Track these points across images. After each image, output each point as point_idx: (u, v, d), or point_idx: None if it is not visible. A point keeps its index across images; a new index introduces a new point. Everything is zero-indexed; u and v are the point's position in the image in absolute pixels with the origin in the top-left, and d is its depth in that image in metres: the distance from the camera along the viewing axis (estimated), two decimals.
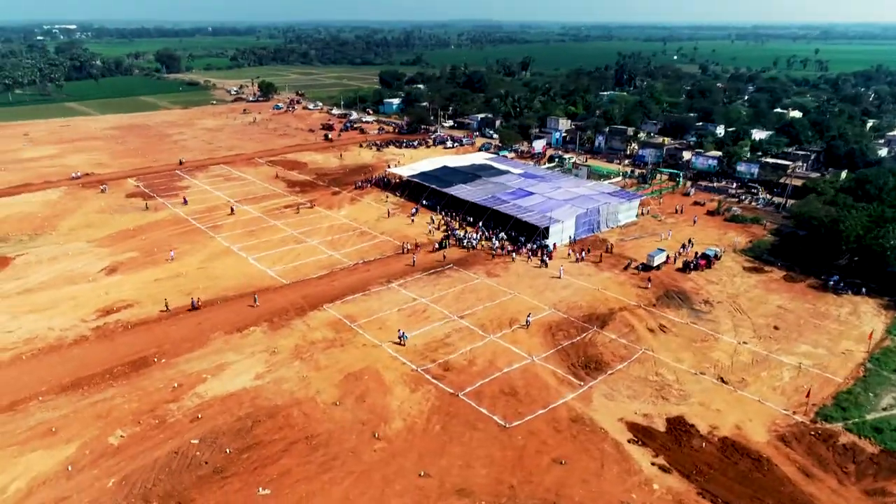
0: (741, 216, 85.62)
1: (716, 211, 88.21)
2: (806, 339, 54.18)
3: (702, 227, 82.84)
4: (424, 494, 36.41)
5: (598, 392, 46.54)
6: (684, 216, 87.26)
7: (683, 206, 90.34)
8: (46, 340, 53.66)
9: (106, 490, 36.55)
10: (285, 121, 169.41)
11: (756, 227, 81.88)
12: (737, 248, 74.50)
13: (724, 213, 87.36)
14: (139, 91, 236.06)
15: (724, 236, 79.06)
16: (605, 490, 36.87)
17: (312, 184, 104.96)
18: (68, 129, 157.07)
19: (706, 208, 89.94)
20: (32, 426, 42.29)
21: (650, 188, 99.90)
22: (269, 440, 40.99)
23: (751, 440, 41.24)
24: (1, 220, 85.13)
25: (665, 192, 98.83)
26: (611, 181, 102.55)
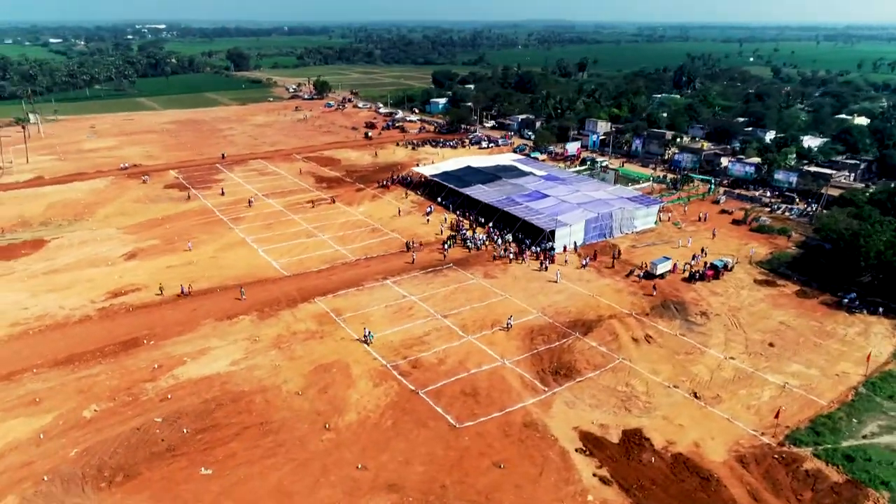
0: (768, 226, 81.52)
1: (742, 220, 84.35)
2: (800, 358, 51.27)
3: (723, 236, 79.46)
4: (356, 486, 37.08)
5: (561, 399, 45.79)
6: (707, 224, 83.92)
7: (708, 214, 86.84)
8: (55, 318, 57.80)
9: (67, 458, 39.19)
10: (333, 118, 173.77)
11: (781, 239, 77.80)
12: (753, 260, 71.08)
13: (750, 223, 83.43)
14: (205, 88, 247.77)
15: (744, 246, 75.51)
16: (537, 497, 36.39)
17: (340, 180, 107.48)
18: (131, 123, 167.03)
19: (733, 217, 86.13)
20: (21, 395, 45.78)
21: (678, 194, 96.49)
22: (226, 423, 42.73)
23: (706, 458, 39.58)
24: (49, 206, 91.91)
25: (694, 198, 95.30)
26: (638, 186, 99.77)
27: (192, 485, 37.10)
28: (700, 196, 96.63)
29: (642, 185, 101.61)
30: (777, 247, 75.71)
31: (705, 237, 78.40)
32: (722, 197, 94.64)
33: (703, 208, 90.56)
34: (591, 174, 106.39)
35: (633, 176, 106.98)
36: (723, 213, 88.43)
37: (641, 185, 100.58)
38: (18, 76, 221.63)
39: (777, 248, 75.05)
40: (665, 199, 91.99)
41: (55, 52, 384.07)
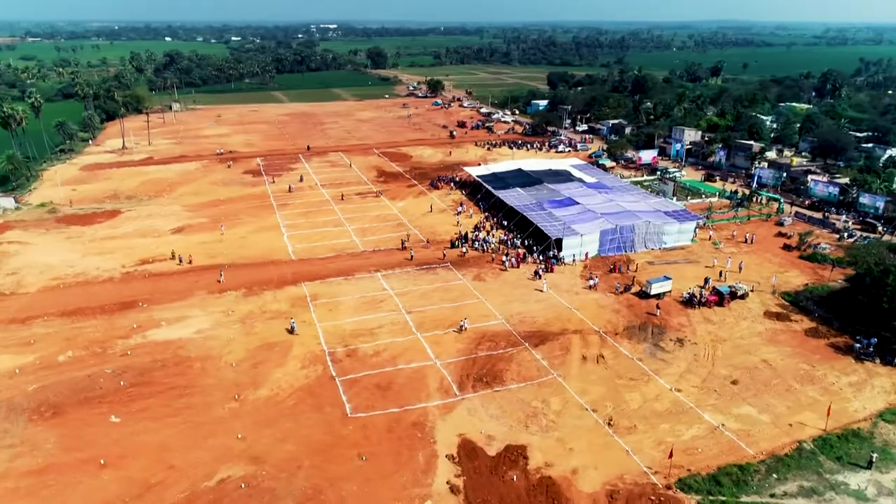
0: (822, 255, 72.02)
1: (796, 246, 75.27)
2: (759, 401, 45.77)
3: (764, 261, 71.67)
4: (225, 453, 39.95)
5: (467, 405, 45.24)
6: (753, 247, 76.06)
7: (756, 236, 78.53)
8: (87, 277, 67.35)
9: (24, 392, 46.30)
10: (432, 116, 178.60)
11: (829, 269, 68.52)
12: (777, 290, 63.58)
13: (804, 249, 74.26)
14: (335, 84, 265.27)
15: (781, 274, 67.61)
16: (377, 493, 36.85)
17: (399, 176, 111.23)
18: (253, 114, 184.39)
19: (787, 241, 77.03)
20: (22, 336, 54.46)
21: (736, 212, 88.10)
22: (157, 382, 47.75)
23: (574, 487, 37.35)
24: (142, 183, 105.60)
25: (757, 218, 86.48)
26: (694, 201, 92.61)
27: (97, 428, 42.32)
28: (764, 216, 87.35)
29: (704, 199, 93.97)
30: (819, 278, 66.83)
31: (744, 259, 71.12)
32: (788, 219, 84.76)
33: (761, 230, 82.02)
34: (649, 185, 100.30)
35: (699, 189, 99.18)
36: (779, 237, 79.41)
37: (699, 201, 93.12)
38: (180, 69, 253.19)
39: (818, 280, 66.29)
40: (714, 216, 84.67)
41: (232, 49, 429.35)
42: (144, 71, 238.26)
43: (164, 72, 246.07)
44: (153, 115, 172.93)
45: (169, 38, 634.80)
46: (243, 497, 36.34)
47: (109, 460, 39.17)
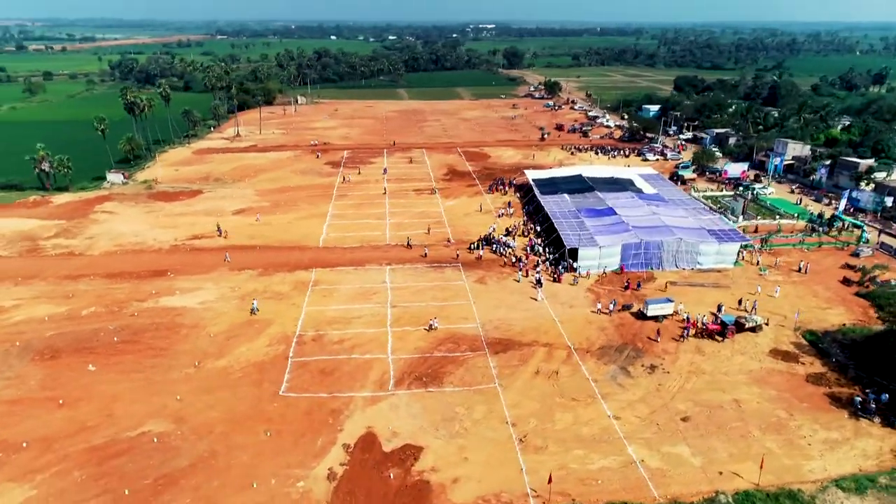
0: (886, 294, 62.15)
1: (858, 281, 65.64)
2: (701, 443, 41.49)
3: (808, 293, 63.50)
4: (159, 410, 44.34)
5: (393, 401, 45.96)
6: (806, 276, 67.56)
7: (809, 265, 69.43)
8: (143, 246, 76.80)
9: (41, 336, 54.50)
10: (536, 118, 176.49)
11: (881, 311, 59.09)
12: (800, 327, 56.27)
13: (864, 285, 64.60)
14: (461, 83, 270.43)
15: (824, 310, 59.66)
16: (262, 466, 39.07)
17: (466, 175, 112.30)
18: (367, 109, 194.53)
19: (849, 275, 67.34)
20: (67, 290, 63.83)
21: (802, 238, 78.36)
22: (143, 342, 53.84)
23: (445, 495, 36.87)
24: (234, 168, 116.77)
25: (828, 245, 76.40)
26: (763, 221, 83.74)
27: (74, 373, 49.00)
28: (840, 244, 76.78)
29: (778, 220, 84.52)
30: (867, 320, 57.93)
31: (790, 292, 63.60)
32: (867, 250, 73.69)
33: (828, 259, 72.48)
34: (720, 201, 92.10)
35: (778, 209, 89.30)
36: (846, 268, 69.57)
37: (769, 222, 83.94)
38: (321, 66, 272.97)
39: (862, 322, 57.52)
40: (775, 240, 76.19)
41: (383, 48, 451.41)
42: (287, 67, 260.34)
43: (306, 68, 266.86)
44: (278, 108, 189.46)
45: (334, 37, 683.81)
46: (149, 450, 40.42)
47: (67, 402, 45.37)
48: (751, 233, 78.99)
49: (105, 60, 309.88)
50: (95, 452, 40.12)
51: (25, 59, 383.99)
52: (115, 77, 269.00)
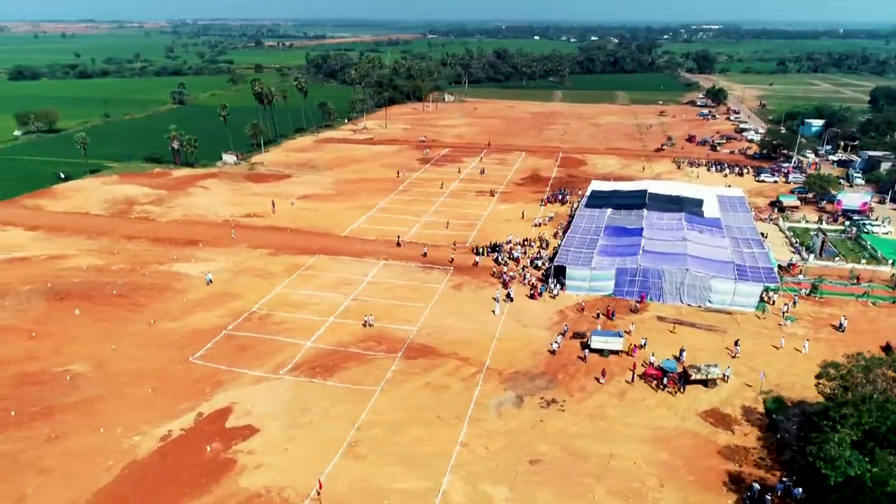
0: None
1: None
2: (526, 491, 37.52)
3: (829, 355, 51.95)
4: (93, 353, 51.62)
5: (273, 385, 48.16)
6: (845, 336, 55.18)
7: (849, 322, 56.21)
8: (202, 219, 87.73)
9: (69, 282, 65.75)
10: (675, 127, 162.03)
11: None
12: (770, 392, 46.70)
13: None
14: (626, 86, 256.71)
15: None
16: (128, 414, 43.94)
17: (541, 181, 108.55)
18: (506, 110, 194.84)
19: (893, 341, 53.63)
20: (117, 248, 75.71)
21: (868, 289, 63.32)
22: (132, 297, 62.41)
23: (237, 479, 38.31)
24: (335, 157, 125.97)
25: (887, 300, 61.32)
26: (858, 264, 69.37)
27: (62, 314, 58.75)
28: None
29: (860, 265, 69.42)
30: None
31: (812, 349, 53.04)
32: None
33: (893, 321, 58.31)
34: (802, 235, 77.87)
35: (879, 251, 72.99)
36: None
37: (847, 265, 69.23)
38: (487, 66, 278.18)
39: None
40: (831, 287, 62.97)
41: (579, 49, 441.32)
42: (454, 66, 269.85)
43: (472, 67, 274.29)
44: (421, 105, 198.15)
45: (537, 38, 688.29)
46: (59, 385, 47.64)
47: (38, 335, 54.92)
48: (813, 276, 66.27)
49: (305, 56, 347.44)
50: (20, 378, 48.48)
51: (252, 53, 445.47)
52: (310, 71, 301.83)
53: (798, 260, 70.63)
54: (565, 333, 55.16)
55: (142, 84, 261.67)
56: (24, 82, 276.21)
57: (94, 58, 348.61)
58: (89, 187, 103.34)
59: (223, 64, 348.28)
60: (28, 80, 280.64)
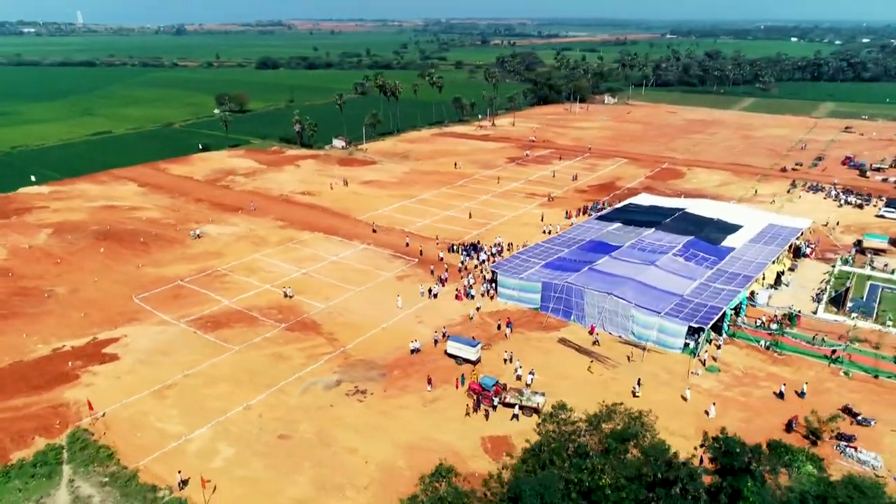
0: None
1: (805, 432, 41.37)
2: (244, 460, 39.84)
3: (716, 424, 44.02)
4: (84, 280, 65.11)
5: (161, 327, 56.14)
6: (777, 405, 45.69)
7: (788, 389, 45.47)
8: (266, 192, 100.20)
9: (122, 228, 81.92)
10: (850, 146, 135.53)
11: None
12: None
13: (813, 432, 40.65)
14: (844, 95, 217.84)
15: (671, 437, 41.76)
16: (51, 328, 55.58)
17: (609, 189, 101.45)
18: (663, 116, 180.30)
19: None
20: (181, 206, 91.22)
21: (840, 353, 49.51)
22: (148, 244, 75.85)
23: (84, 411, 46.90)
24: (431, 150, 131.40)
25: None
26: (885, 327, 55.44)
27: (91, 252, 73.87)
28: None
29: (885, 328, 54.70)
30: None
31: (730, 414, 45.72)
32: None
33: (855, 397, 46.22)
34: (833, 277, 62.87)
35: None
36: (847, 413, 43.65)
37: (866, 325, 54.99)
38: (679, 69, 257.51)
39: None
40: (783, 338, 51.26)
41: (834, 53, 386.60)
42: (642, 68, 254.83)
43: (662, 69, 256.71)
44: (572, 105, 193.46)
45: (794, 39, 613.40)
46: (37, 299, 61.50)
47: (61, 262, 70.57)
48: (814, 331, 54.60)
49: (498, 55, 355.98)
50: (18, 289, 63.67)
51: (467, 52, 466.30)
52: (502, 69, 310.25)
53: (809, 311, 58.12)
54: (444, 336, 54.13)
55: (348, 75, 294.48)
56: (266, 71, 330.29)
57: (328, 52, 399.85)
58: (214, 158, 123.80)
59: (435, 60, 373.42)
60: (269, 70, 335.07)
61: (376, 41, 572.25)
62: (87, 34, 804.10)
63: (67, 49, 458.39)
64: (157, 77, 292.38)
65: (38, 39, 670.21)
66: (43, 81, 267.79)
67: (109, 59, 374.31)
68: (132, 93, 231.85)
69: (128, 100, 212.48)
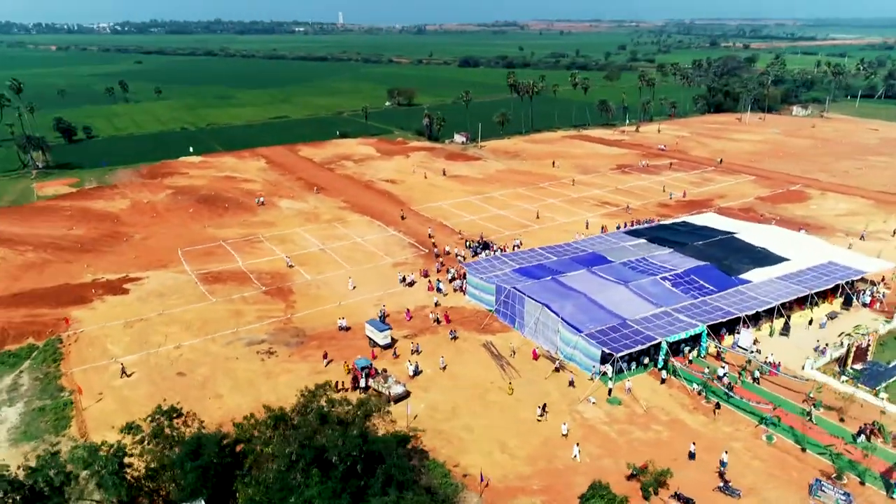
0: None
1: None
2: (134, 383, 47.46)
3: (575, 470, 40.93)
4: (167, 235, 79.87)
5: (177, 275, 66.95)
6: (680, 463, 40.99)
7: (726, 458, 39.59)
8: (359, 177, 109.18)
9: (222, 194, 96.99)
10: None
11: None
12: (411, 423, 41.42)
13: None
14: None
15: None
16: (174, 239, 70.05)
17: (698, 206, 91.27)
18: (859, 133, 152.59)
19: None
20: (280, 182, 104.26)
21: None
22: (233, 209, 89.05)
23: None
24: (547, 152, 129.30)
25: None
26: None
27: (182, 209, 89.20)
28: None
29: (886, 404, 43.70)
30: None
31: (601, 460, 42.98)
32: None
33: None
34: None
35: None
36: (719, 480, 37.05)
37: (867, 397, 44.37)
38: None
39: None
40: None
41: None
42: (865, 76, 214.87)
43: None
44: (744, 115, 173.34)
45: None
46: (118, 242, 76.97)
47: (156, 216, 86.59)
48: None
49: (693, 59, 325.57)
50: (113, 232, 80.00)
51: (684, 53, 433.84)
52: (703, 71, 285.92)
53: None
54: (382, 317, 56.58)
55: (533, 74, 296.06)
56: (466, 69, 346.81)
57: (533, 52, 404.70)
58: (344, 144, 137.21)
59: (644, 62, 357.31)
60: (470, 68, 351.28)
61: (595, 42, 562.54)
62: (343, 33, 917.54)
63: (316, 46, 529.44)
64: (367, 72, 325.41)
65: (303, 38, 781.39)
66: (271, 72, 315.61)
67: (338, 55, 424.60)
68: (334, 84, 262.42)
69: (325, 90, 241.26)
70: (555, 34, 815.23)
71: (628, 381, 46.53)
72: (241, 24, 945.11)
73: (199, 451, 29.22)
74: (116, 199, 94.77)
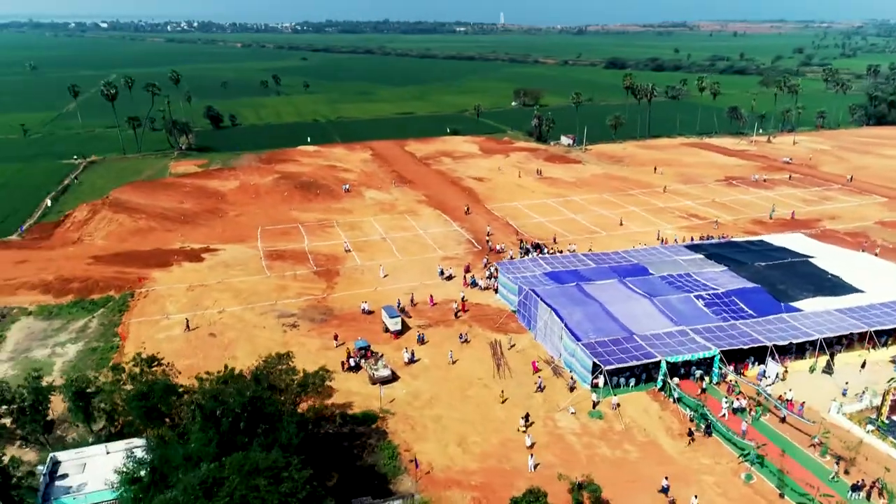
0: None
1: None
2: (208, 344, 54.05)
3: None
4: (252, 213, 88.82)
5: (246, 249, 74.16)
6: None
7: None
8: (448, 174, 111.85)
9: (307, 181, 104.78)
10: None
11: None
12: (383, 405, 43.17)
13: None
14: None
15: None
16: (262, 214, 79.53)
17: (793, 225, 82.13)
18: None
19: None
20: (363, 170, 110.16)
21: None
22: (322, 195, 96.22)
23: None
24: (651, 159, 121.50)
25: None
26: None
27: (279, 193, 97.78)
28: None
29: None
30: None
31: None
32: None
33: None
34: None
35: None
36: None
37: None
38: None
39: None
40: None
41: None
42: None
43: None
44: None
45: None
46: (214, 216, 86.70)
47: (256, 197, 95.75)
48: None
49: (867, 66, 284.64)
50: (213, 208, 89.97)
51: (887, 56, 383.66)
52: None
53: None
54: (400, 308, 58.78)
55: (676, 77, 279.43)
56: (611, 70, 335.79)
57: (689, 54, 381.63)
58: (451, 141, 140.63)
59: (815, 67, 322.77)
60: (616, 69, 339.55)
61: (769, 44, 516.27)
62: (503, 33, 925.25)
63: (471, 46, 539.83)
64: (509, 72, 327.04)
65: (462, 38, 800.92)
66: (417, 70, 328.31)
67: (487, 55, 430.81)
68: (471, 84, 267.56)
69: (460, 90, 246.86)
70: (727, 36, 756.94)
71: (614, 397, 44.40)
72: (406, 24, 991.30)
73: (148, 395, 33.57)
74: (230, 179, 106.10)
